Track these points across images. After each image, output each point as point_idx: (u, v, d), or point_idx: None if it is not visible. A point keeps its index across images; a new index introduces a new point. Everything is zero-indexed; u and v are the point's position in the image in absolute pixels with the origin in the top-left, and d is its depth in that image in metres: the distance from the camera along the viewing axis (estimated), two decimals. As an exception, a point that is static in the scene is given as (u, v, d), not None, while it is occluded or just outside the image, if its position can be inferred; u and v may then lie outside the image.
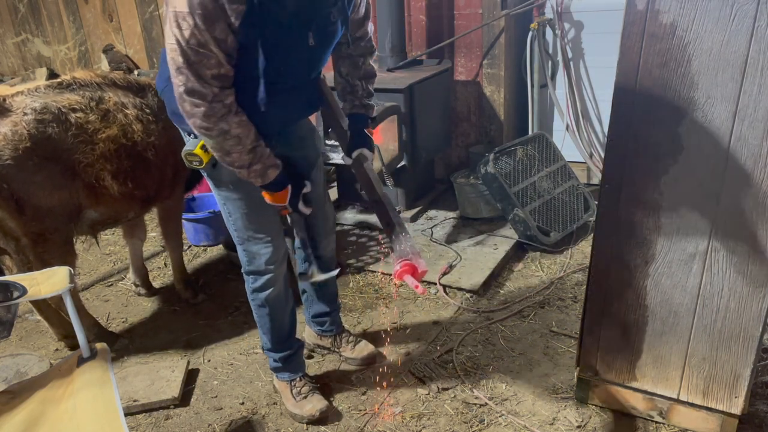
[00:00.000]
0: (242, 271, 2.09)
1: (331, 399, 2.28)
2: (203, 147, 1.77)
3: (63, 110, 2.27)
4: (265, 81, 1.68)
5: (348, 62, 1.96)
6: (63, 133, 2.25)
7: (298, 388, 2.21)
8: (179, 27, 1.47)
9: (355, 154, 1.94)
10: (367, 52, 1.96)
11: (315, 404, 2.17)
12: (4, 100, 2.19)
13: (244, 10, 1.48)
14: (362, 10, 1.85)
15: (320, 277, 2.09)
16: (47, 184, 2.23)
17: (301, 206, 1.88)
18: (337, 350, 2.47)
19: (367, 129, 1.99)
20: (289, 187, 1.82)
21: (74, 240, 2.47)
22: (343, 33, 1.79)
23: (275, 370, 2.25)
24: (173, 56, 1.52)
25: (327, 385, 2.36)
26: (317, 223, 2.17)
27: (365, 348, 2.45)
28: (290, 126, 1.97)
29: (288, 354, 2.21)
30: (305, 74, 1.82)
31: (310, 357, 2.51)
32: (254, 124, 1.70)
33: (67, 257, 2.39)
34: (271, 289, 2.07)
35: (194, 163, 1.82)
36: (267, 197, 1.84)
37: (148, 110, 2.53)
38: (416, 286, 1.61)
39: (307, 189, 1.89)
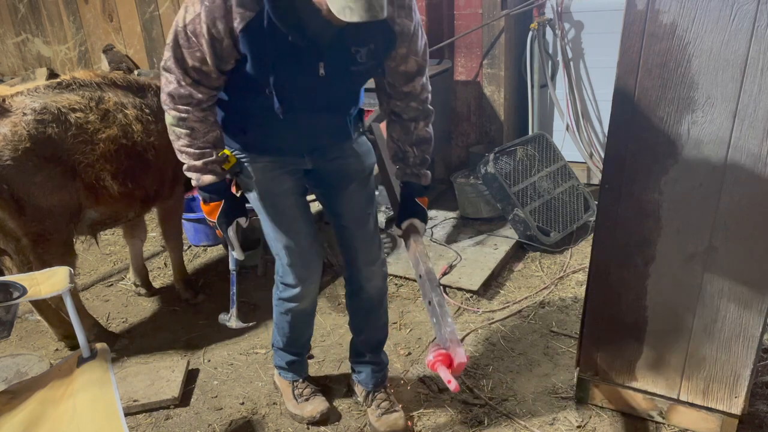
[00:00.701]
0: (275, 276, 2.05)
1: (332, 399, 2.28)
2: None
3: (63, 110, 2.27)
4: (277, 96, 1.64)
5: (398, 126, 1.84)
6: (63, 134, 2.25)
7: (300, 390, 2.20)
8: (186, 10, 1.51)
9: (404, 225, 1.85)
10: (420, 116, 1.82)
11: (316, 406, 2.15)
12: (4, 100, 2.19)
13: (252, 17, 1.47)
14: (413, 65, 1.71)
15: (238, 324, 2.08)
16: (47, 185, 2.23)
17: (230, 231, 1.80)
18: (365, 407, 2.19)
19: (419, 198, 1.88)
20: (222, 204, 1.76)
21: (74, 240, 2.47)
22: (383, 80, 1.75)
23: (279, 368, 2.24)
24: (171, 33, 1.55)
25: (327, 385, 2.36)
26: (356, 246, 1.97)
27: (394, 424, 2.08)
28: (311, 147, 1.85)
29: (296, 359, 2.19)
30: (315, 102, 1.72)
31: (310, 357, 2.51)
32: (269, 133, 1.73)
33: (67, 257, 2.38)
34: (297, 304, 2.00)
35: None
36: (201, 206, 1.82)
37: (147, 110, 2.53)
38: (449, 381, 1.42)
39: (242, 221, 1.83)
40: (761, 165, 1.59)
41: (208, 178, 1.72)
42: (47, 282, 1.73)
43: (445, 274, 3.04)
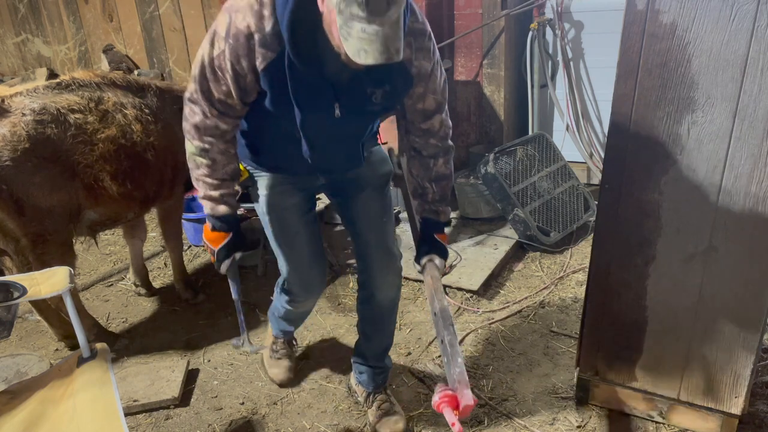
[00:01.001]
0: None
1: (332, 399, 2.28)
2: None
3: (62, 111, 2.27)
4: (301, 127, 1.66)
5: (418, 162, 1.83)
6: (62, 134, 2.25)
7: (276, 347, 2.39)
8: (212, 45, 1.53)
9: (423, 261, 1.85)
10: (440, 152, 1.81)
11: (279, 371, 2.37)
12: (3, 101, 2.18)
13: (273, 57, 1.50)
14: (431, 103, 1.71)
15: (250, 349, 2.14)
16: (46, 185, 2.23)
17: (224, 265, 1.84)
18: (366, 408, 2.20)
19: (438, 234, 1.86)
20: (229, 237, 1.79)
21: (74, 241, 2.47)
22: (402, 117, 1.77)
23: (271, 316, 2.32)
24: (197, 65, 1.58)
25: (326, 385, 2.36)
26: (370, 253, 1.96)
27: (395, 426, 2.08)
28: (324, 169, 1.86)
29: (286, 326, 2.33)
30: (331, 138, 1.72)
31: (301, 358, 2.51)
32: (283, 157, 1.78)
33: (67, 258, 2.38)
34: (294, 306, 2.12)
35: None
36: (205, 229, 1.84)
37: (147, 110, 2.52)
38: (453, 424, 1.38)
39: (238, 255, 1.84)
40: (761, 165, 1.59)
41: (222, 209, 1.75)
42: (47, 282, 1.73)
43: (445, 274, 3.04)
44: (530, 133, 3.90)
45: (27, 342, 2.77)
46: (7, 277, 1.74)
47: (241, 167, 1.78)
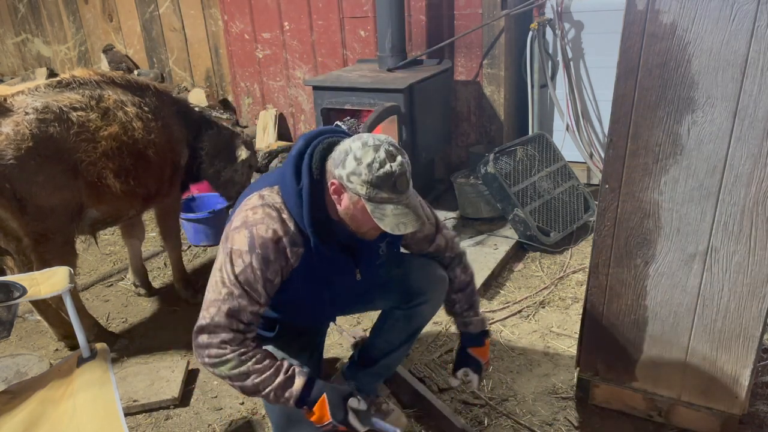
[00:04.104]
0: None
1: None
2: None
3: (64, 109, 2.27)
4: (329, 296, 1.76)
5: None
6: (65, 132, 2.25)
7: None
8: (232, 263, 1.54)
9: (459, 374, 1.92)
10: (455, 261, 1.92)
11: None
12: (5, 99, 2.19)
13: (303, 251, 1.58)
14: (429, 228, 1.83)
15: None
16: (49, 184, 2.23)
17: (352, 419, 1.59)
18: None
19: (472, 348, 1.92)
20: (325, 396, 1.58)
21: (75, 239, 2.47)
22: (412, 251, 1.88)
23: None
24: (216, 288, 1.56)
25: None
26: (376, 299, 1.97)
27: (396, 422, 2.02)
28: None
29: None
30: (350, 292, 1.82)
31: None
32: (306, 313, 1.82)
33: (68, 257, 2.38)
34: None
35: None
36: (309, 416, 1.62)
37: (146, 108, 2.53)
38: None
39: (354, 403, 1.60)
40: (761, 165, 1.59)
41: (299, 384, 1.57)
42: (47, 282, 1.73)
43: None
44: (530, 133, 3.90)
45: (27, 342, 2.77)
46: (7, 277, 1.74)
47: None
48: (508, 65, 3.81)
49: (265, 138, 4.71)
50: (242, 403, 2.29)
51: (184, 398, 2.34)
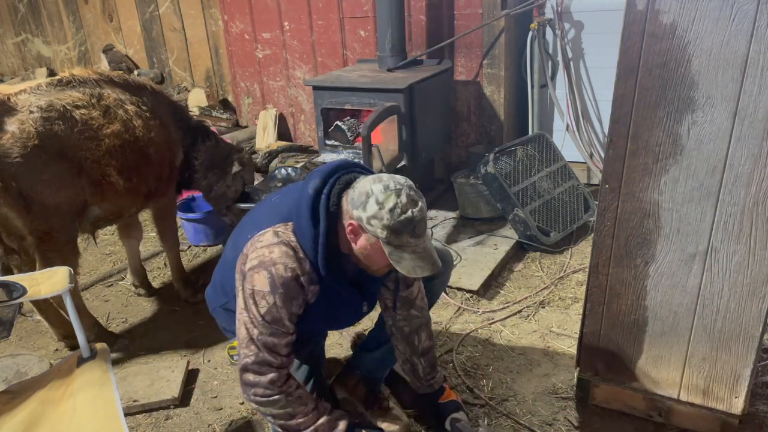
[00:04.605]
0: None
1: (331, 399, 2.28)
2: None
3: (67, 107, 2.28)
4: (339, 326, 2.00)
5: (403, 341, 1.97)
6: (69, 130, 2.26)
7: None
8: (256, 304, 1.59)
9: (447, 424, 1.96)
10: (422, 325, 1.95)
11: None
12: (9, 98, 2.19)
13: (318, 288, 1.64)
14: None
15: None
16: (54, 182, 2.23)
17: None
18: (367, 409, 2.16)
19: (442, 398, 2.01)
20: None
21: (77, 238, 2.47)
22: (387, 291, 1.91)
23: None
24: (247, 329, 1.61)
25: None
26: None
27: (392, 423, 2.09)
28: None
29: None
30: (356, 316, 1.90)
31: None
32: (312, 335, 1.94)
33: (71, 255, 2.39)
34: None
35: (234, 357, 2.31)
36: None
37: (144, 107, 2.55)
38: None
39: None
40: (761, 165, 1.59)
41: (342, 427, 1.69)
42: (47, 282, 1.73)
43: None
44: (530, 133, 3.90)
45: (27, 342, 2.77)
46: (8, 277, 1.74)
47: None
48: (508, 65, 3.81)
49: (265, 138, 4.71)
50: (242, 403, 2.29)
51: (184, 398, 2.34)
